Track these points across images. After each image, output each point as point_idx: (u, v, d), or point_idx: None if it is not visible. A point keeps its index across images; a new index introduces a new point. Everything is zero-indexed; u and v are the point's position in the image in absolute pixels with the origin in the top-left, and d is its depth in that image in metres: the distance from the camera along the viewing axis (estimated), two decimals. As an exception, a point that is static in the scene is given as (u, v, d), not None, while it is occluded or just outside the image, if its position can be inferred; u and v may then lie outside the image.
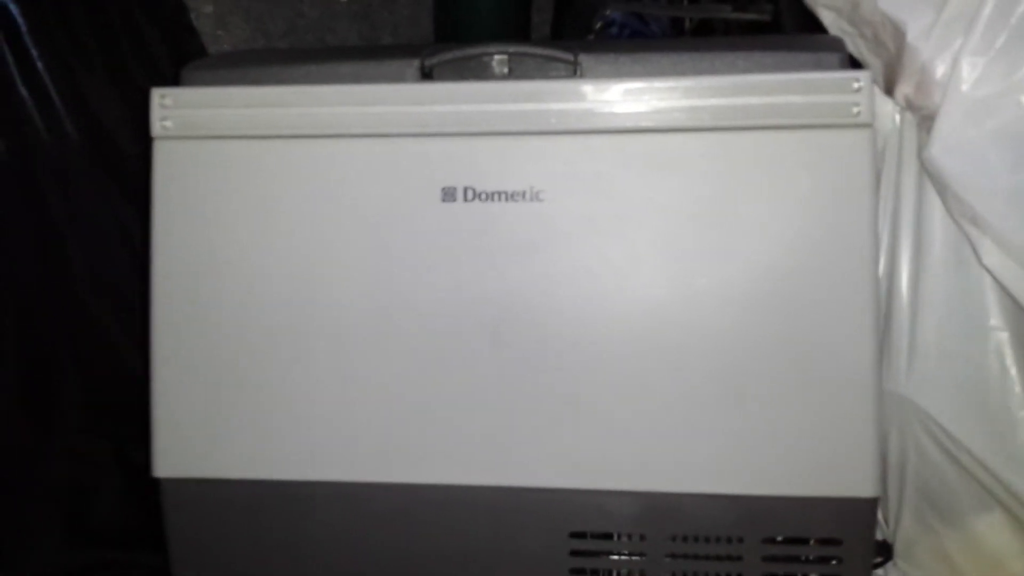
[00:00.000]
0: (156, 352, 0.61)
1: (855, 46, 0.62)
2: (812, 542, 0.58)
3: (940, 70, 0.56)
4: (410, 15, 1.01)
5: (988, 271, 0.56)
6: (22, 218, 0.80)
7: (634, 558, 0.59)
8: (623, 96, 0.56)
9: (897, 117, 0.62)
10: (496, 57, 0.60)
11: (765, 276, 0.56)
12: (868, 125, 0.54)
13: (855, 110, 0.54)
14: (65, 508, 0.81)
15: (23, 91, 0.79)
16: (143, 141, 0.61)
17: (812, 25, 0.66)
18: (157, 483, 0.62)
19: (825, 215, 0.55)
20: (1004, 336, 0.59)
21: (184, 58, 0.85)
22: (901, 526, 0.66)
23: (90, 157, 0.82)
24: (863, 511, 0.56)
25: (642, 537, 0.59)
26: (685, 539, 0.58)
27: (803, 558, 0.58)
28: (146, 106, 0.61)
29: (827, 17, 0.64)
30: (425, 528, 0.60)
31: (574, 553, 0.60)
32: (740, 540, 0.58)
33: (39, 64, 0.79)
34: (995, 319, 0.59)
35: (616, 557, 0.60)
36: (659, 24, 0.86)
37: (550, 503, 0.59)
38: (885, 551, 0.68)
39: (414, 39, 1.00)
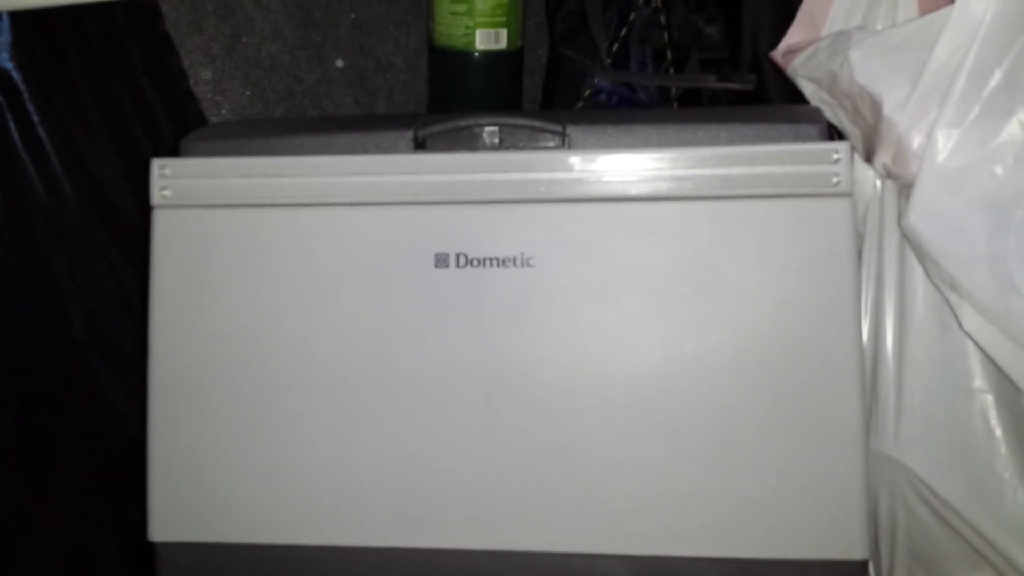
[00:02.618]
0: (152, 417, 0.62)
1: (835, 116, 0.64)
2: None
3: (916, 141, 0.57)
4: (404, 81, 1.03)
5: (969, 335, 0.57)
6: (21, 277, 0.80)
7: None
8: (610, 166, 0.58)
9: (878, 183, 0.64)
10: (487, 129, 0.62)
11: (752, 340, 0.57)
12: (848, 194, 0.56)
13: (835, 180, 0.56)
14: (63, 568, 0.81)
15: (23, 155, 0.80)
16: (142, 205, 0.63)
17: (795, 93, 0.68)
18: (152, 548, 0.63)
19: (809, 280, 0.57)
20: (988, 398, 0.60)
21: (183, 123, 0.87)
22: (893, 586, 0.66)
23: (89, 220, 0.83)
24: (853, 573, 0.57)
25: (634, 602, 0.59)
26: (677, 603, 0.59)
27: None
28: (146, 170, 0.62)
29: (807, 88, 0.66)
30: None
31: None
32: (732, 602, 0.58)
33: (40, 129, 0.81)
34: (979, 381, 0.60)
35: None
36: (647, 92, 0.89)
37: (543, 567, 0.59)
38: (877, 612, 0.68)
39: (408, 104, 1.02)
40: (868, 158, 0.62)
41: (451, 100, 0.92)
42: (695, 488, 0.57)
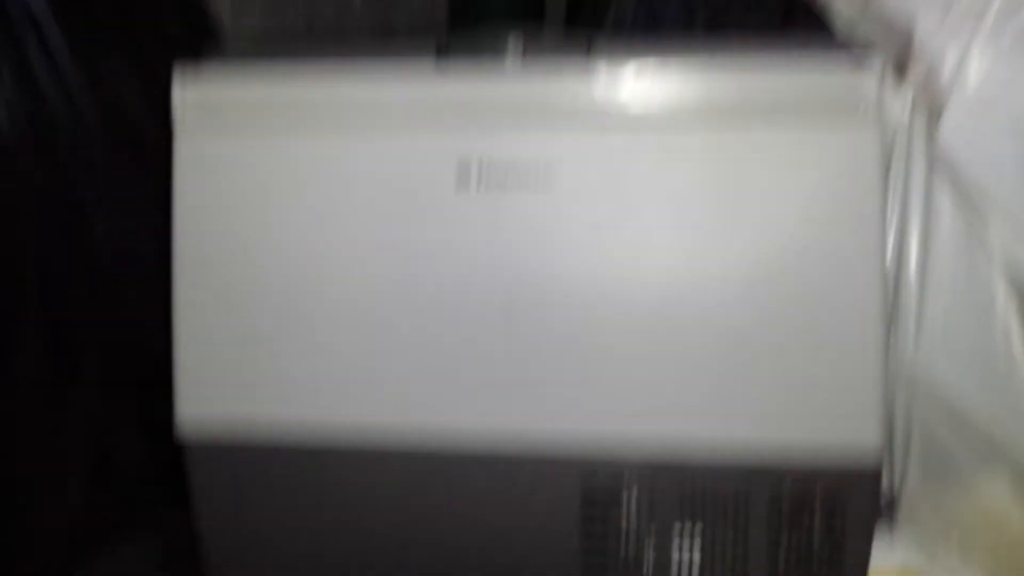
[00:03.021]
0: (179, 320, 0.63)
1: (866, 39, 0.64)
2: (817, 504, 0.60)
3: (949, 63, 0.57)
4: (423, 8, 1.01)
5: (996, 253, 0.58)
6: (44, 190, 0.80)
7: (643, 518, 0.61)
8: (635, 87, 0.58)
9: (907, 109, 0.64)
10: (511, 44, 0.61)
11: (775, 261, 0.57)
12: (877, 120, 0.56)
13: (864, 105, 0.56)
14: (87, 467, 0.82)
15: (46, 78, 0.80)
16: (161, 123, 0.62)
17: (823, 21, 0.68)
18: (181, 447, 0.64)
19: (834, 208, 0.57)
20: (1011, 317, 0.61)
21: (202, 41, 0.86)
22: (905, 488, 0.68)
23: (108, 136, 0.82)
24: (867, 477, 0.58)
25: (651, 498, 0.61)
26: (692, 500, 0.60)
27: (808, 519, 0.60)
28: (165, 90, 0.62)
29: (838, 13, 0.66)
30: (442, 492, 0.62)
31: (584, 512, 0.62)
32: (747, 501, 0.60)
33: (61, 53, 0.80)
34: (1001, 300, 0.61)
35: (625, 517, 0.62)
36: (672, 14, 0.88)
37: (561, 466, 0.61)
38: (889, 512, 0.70)
39: (429, 21, 1.01)
40: (899, 83, 0.62)
41: (471, 17, 0.90)
42: (711, 396, 0.58)
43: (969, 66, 0.56)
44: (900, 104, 0.64)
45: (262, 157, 0.62)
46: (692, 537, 0.61)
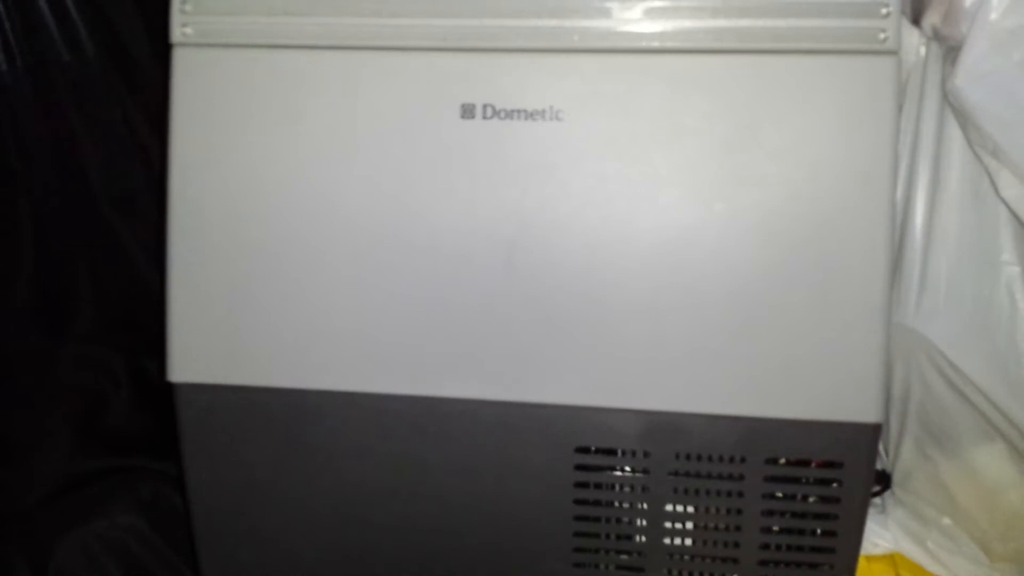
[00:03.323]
0: (172, 259, 0.62)
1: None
2: (813, 465, 0.59)
3: (969, -1, 0.55)
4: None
5: (1006, 204, 0.56)
6: (40, 130, 0.80)
7: (637, 474, 0.61)
8: (648, 15, 0.56)
9: (922, 49, 0.62)
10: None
11: (782, 201, 0.56)
12: (894, 52, 0.54)
13: (882, 36, 0.54)
14: (76, 414, 0.82)
15: (41, 1, 0.78)
16: (161, 54, 0.61)
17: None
18: (171, 388, 0.63)
19: (847, 141, 0.55)
20: (1016, 271, 0.59)
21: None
22: (900, 456, 0.67)
23: (107, 69, 0.81)
24: (865, 436, 0.57)
25: (646, 454, 0.60)
26: (688, 457, 0.59)
27: (804, 480, 0.59)
28: (164, 19, 0.60)
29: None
30: (433, 440, 0.61)
31: (579, 467, 0.61)
32: (743, 460, 0.59)
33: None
34: (1008, 254, 0.60)
35: (619, 472, 0.61)
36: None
37: (557, 418, 0.60)
38: (884, 480, 0.69)
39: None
40: (916, 19, 0.60)
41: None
42: (713, 346, 0.57)
43: (991, 1, 0.53)
44: (915, 43, 0.61)
45: (261, 77, 0.60)
46: (686, 503, 0.61)
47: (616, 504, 0.62)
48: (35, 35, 0.77)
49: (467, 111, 0.58)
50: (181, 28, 0.60)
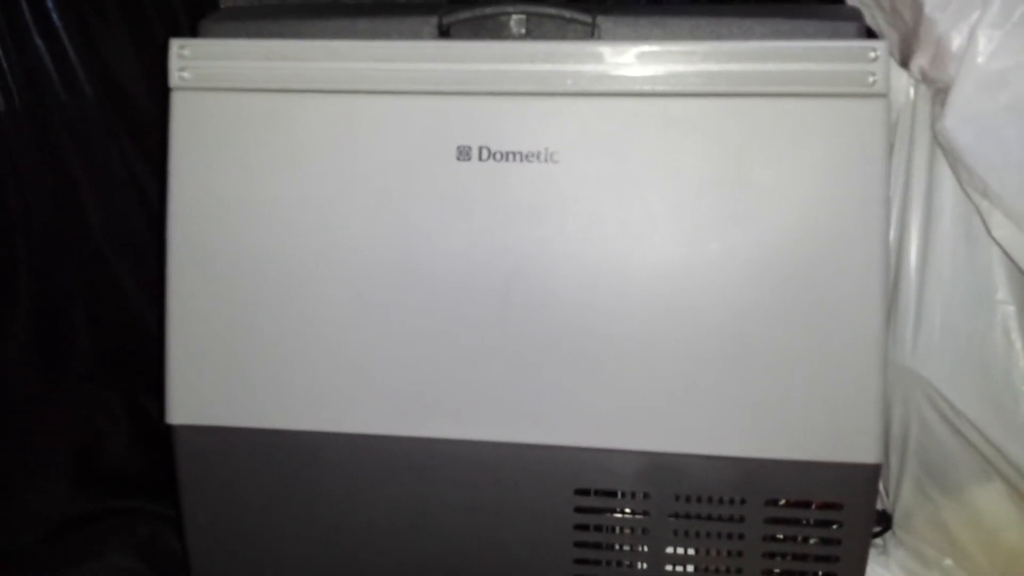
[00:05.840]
0: (171, 300, 0.62)
1: (872, 17, 0.62)
2: (814, 506, 0.59)
3: (956, 42, 0.56)
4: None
5: (998, 244, 0.56)
6: (38, 168, 0.80)
7: (637, 516, 0.60)
8: (640, 59, 0.57)
9: (911, 91, 0.63)
10: (514, 17, 0.60)
11: (776, 242, 0.56)
12: (883, 95, 0.55)
13: (871, 79, 0.54)
14: (72, 455, 0.82)
15: (39, 43, 0.79)
16: (158, 95, 0.61)
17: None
18: (169, 431, 0.63)
19: (838, 183, 0.55)
20: (1011, 310, 0.59)
21: (200, 10, 0.85)
22: (901, 496, 0.67)
23: (105, 110, 0.82)
24: (865, 477, 0.57)
25: (646, 496, 0.60)
26: (688, 499, 0.59)
27: (804, 522, 0.59)
28: (163, 60, 0.61)
29: (846, -12, 0.64)
30: (432, 482, 0.61)
31: (579, 510, 0.60)
32: (743, 502, 0.59)
33: (55, 15, 0.79)
34: (1002, 293, 0.60)
35: (619, 515, 0.60)
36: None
37: (556, 460, 0.60)
38: (884, 521, 0.69)
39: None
40: (904, 62, 0.61)
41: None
42: (711, 386, 0.57)
43: (978, 41, 0.54)
44: (905, 84, 0.62)
45: (259, 121, 0.60)
46: (686, 544, 0.60)
47: (616, 547, 0.61)
48: (34, 76, 0.78)
49: (463, 153, 0.59)
50: (179, 72, 0.61)
